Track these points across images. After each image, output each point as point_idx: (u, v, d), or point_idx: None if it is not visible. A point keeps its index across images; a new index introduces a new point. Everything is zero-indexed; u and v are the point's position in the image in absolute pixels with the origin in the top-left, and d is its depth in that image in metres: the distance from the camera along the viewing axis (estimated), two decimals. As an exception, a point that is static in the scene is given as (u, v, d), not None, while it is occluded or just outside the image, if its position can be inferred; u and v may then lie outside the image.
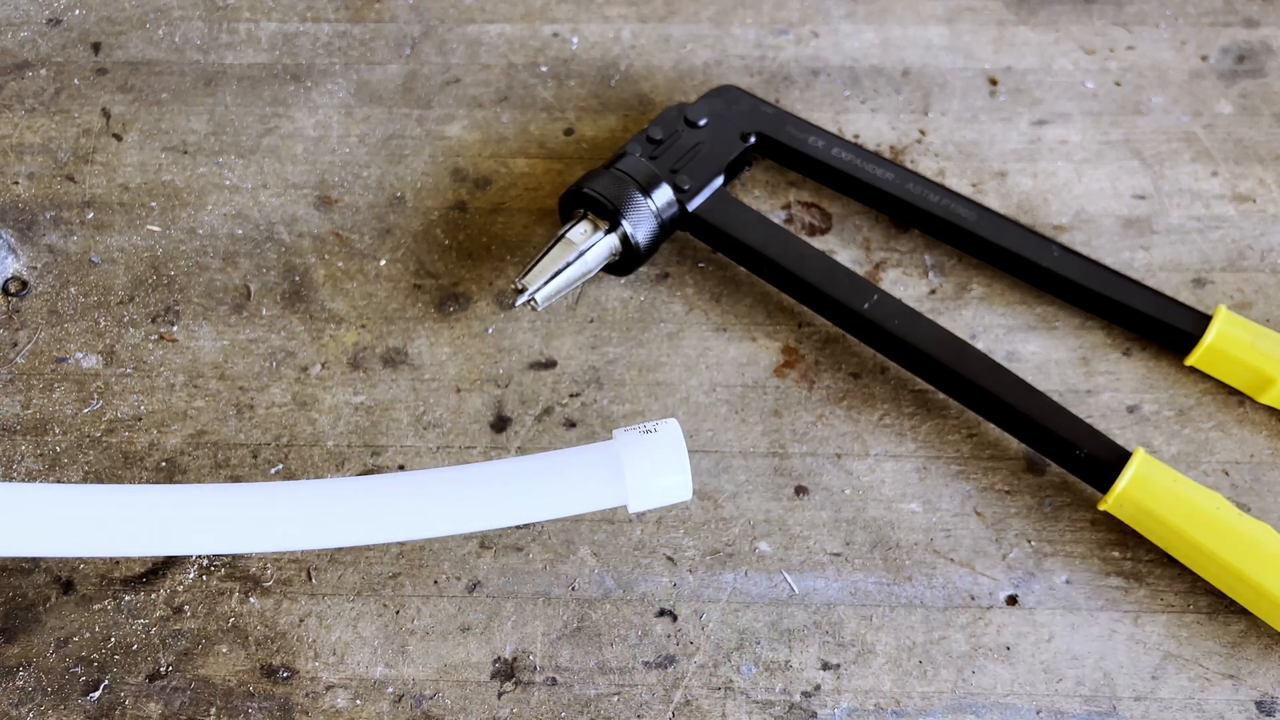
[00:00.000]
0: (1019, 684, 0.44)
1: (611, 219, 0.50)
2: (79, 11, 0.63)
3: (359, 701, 0.43)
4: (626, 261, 0.52)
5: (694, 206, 0.52)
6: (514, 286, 0.51)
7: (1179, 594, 0.46)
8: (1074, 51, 0.62)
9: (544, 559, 0.46)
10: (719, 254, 0.55)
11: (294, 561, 0.46)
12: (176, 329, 0.52)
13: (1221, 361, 0.49)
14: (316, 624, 0.45)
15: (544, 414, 0.50)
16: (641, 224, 0.50)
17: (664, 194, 0.51)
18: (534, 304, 0.49)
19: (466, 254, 0.55)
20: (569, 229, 0.50)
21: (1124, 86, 0.61)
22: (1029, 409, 0.47)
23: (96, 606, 0.45)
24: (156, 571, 0.46)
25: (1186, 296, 0.53)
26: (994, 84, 0.61)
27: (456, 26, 0.63)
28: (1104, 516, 0.47)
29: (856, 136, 0.59)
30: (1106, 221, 0.56)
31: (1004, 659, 0.44)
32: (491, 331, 0.52)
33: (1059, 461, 0.47)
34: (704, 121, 0.55)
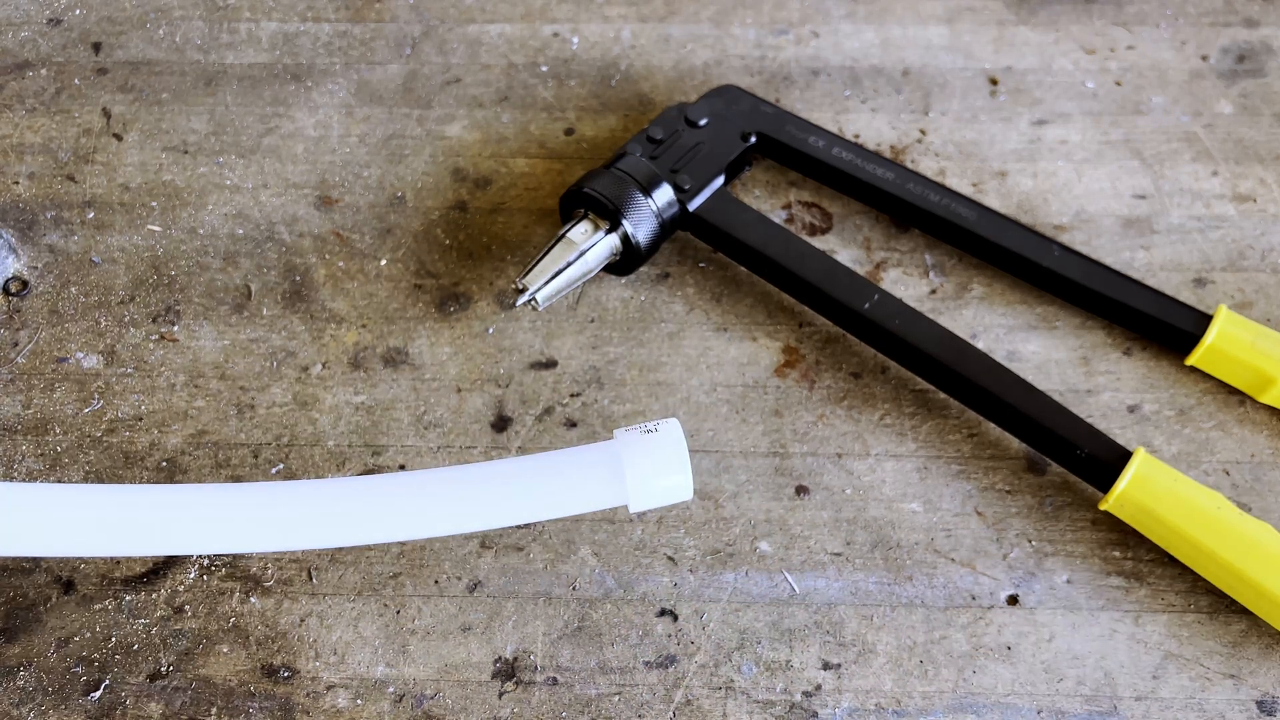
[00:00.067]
0: (1020, 684, 0.44)
1: (612, 219, 0.50)
2: (79, 11, 0.63)
3: (360, 701, 0.43)
4: (627, 261, 0.52)
5: (694, 206, 0.52)
6: (514, 286, 0.51)
7: (1180, 594, 0.46)
8: (1074, 51, 0.62)
9: (545, 559, 0.46)
10: (719, 254, 0.55)
11: (295, 561, 0.46)
12: (177, 329, 0.52)
13: (1222, 361, 0.49)
14: (317, 624, 0.45)
15: (545, 414, 0.50)
16: (642, 224, 0.50)
17: (664, 194, 0.51)
18: (534, 304, 0.49)
19: (467, 254, 0.55)
20: (569, 229, 0.50)
21: (1124, 86, 0.61)
22: (1029, 409, 0.47)
23: (97, 606, 0.45)
24: (157, 571, 0.46)
25: (1187, 296, 0.53)
26: (994, 84, 0.61)
27: (457, 26, 0.63)
28: (1105, 516, 0.47)
29: (857, 136, 0.59)
30: (1107, 221, 0.56)
31: (1005, 659, 0.44)
32: (492, 331, 0.52)
33: (1060, 461, 0.47)
34: (704, 121, 0.55)
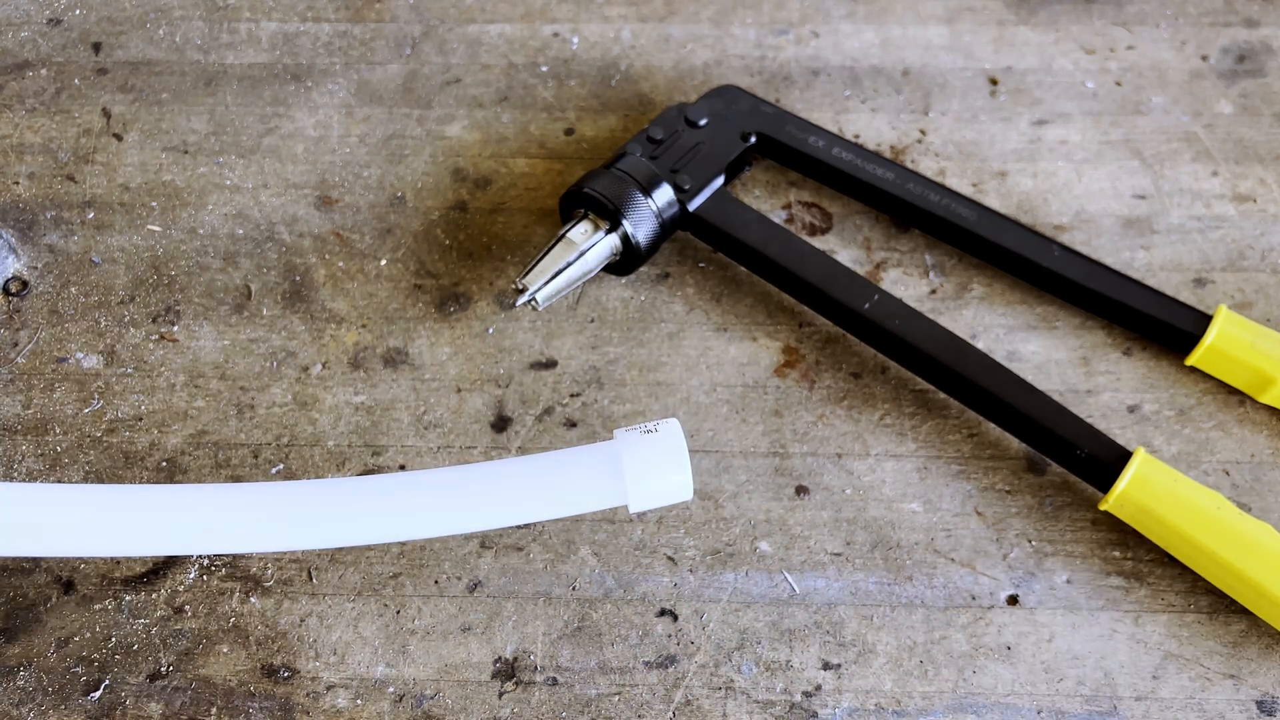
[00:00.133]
0: (1020, 684, 0.44)
1: (612, 219, 0.50)
2: (79, 11, 0.63)
3: (360, 701, 0.43)
4: (627, 261, 0.52)
5: (694, 206, 0.52)
6: (514, 286, 0.51)
7: (1180, 594, 0.46)
8: (1074, 51, 0.62)
9: (545, 559, 0.46)
10: (719, 254, 0.55)
11: (294, 561, 0.46)
12: (177, 329, 0.52)
13: (1222, 361, 0.49)
14: (317, 624, 0.45)
15: (544, 414, 0.50)
16: (642, 224, 0.50)
17: (664, 194, 0.51)
18: (534, 304, 0.49)
19: (467, 254, 0.55)
20: (569, 229, 0.50)
21: (1124, 86, 0.61)
22: (1029, 409, 0.47)
23: (97, 606, 0.45)
24: (157, 571, 0.46)
25: (1187, 296, 0.53)
26: (994, 84, 0.61)
27: (457, 26, 0.63)
28: (1104, 516, 0.47)
29: (857, 136, 0.59)
30: (1107, 221, 0.56)
31: (1005, 659, 0.44)
32: (492, 331, 0.52)
33: (1059, 461, 0.47)
34: (704, 121, 0.55)
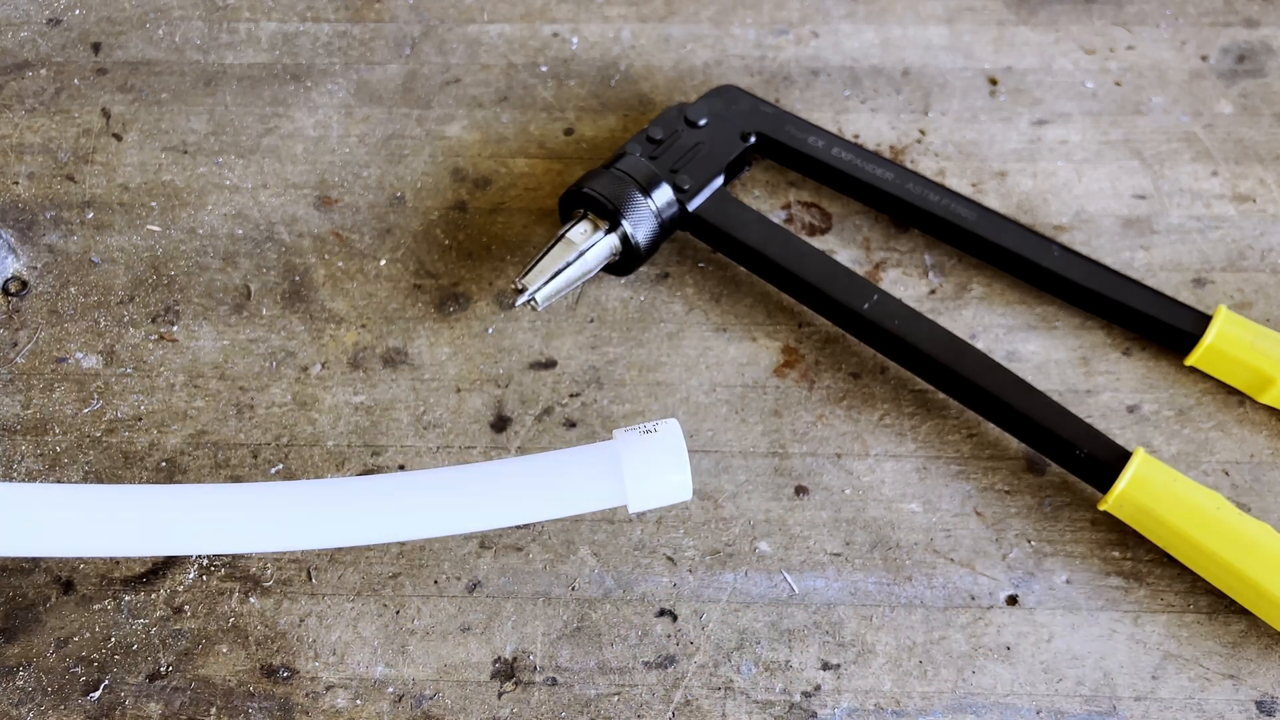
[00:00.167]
0: (1019, 684, 0.44)
1: (611, 219, 0.50)
2: (79, 11, 0.63)
3: (359, 701, 0.43)
4: (626, 261, 0.52)
5: (694, 206, 0.52)
6: (514, 286, 0.51)
7: (1179, 594, 0.46)
8: (1074, 51, 0.62)
9: (544, 559, 0.46)
10: (719, 254, 0.55)
11: (294, 561, 0.46)
12: (176, 329, 0.52)
13: (1221, 361, 0.49)
14: (317, 624, 0.45)
15: (544, 414, 0.50)
16: (641, 224, 0.50)
17: (664, 194, 0.51)
18: (534, 304, 0.49)
19: (466, 254, 0.55)
20: (569, 229, 0.50)
21: (1124, 86, 0.61)
22: (1029, 409, 0.47)
23: (97, 606, 0.45)
24: (157, 571, 0.46)
25: (1186, 296, 0.53)
26: (994, 84, 0.61)
27: (456, 26, 0.63)
28: (1104, 516, 0.47)
29: (856, 136, 0.59)
30: (1106, 221, 0.56)
31: (1004, 659, 0.44)
32: (491, 331, 0.52)
33: (1059, 461, 0.47)
34: (704, 121, 0.55)
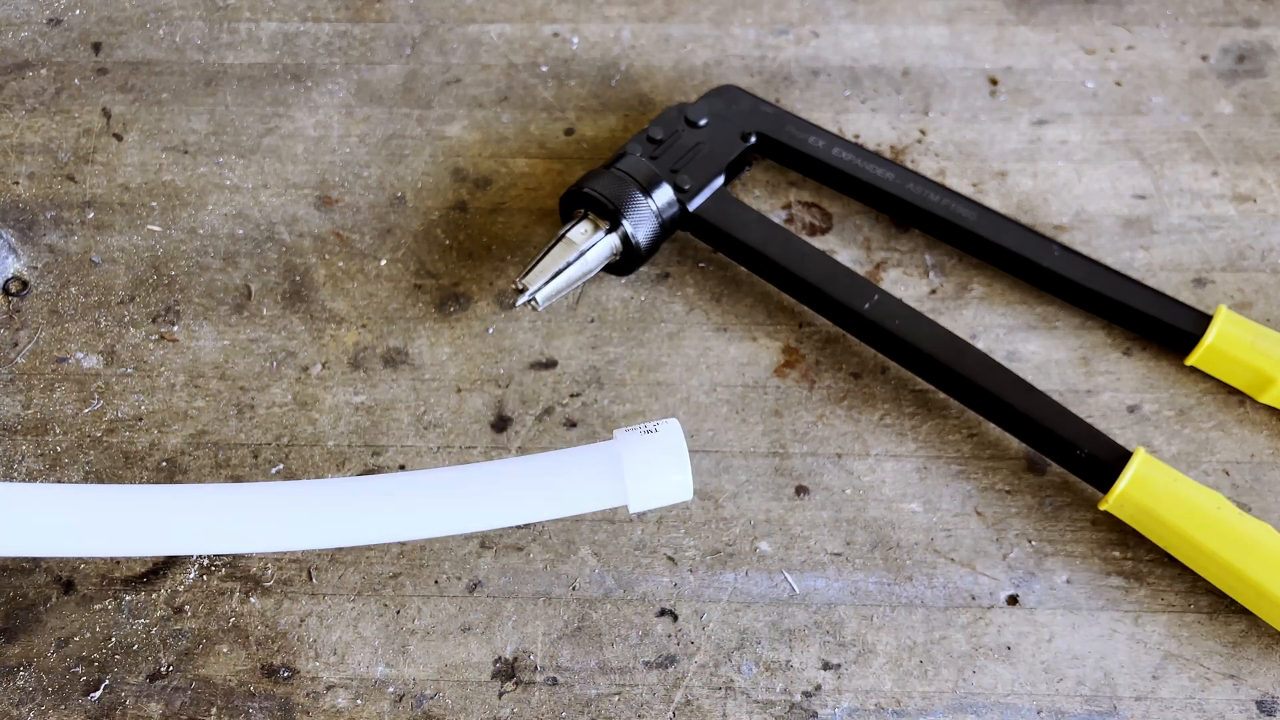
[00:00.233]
0: (1020, 684, 0.44)
1: (612, 219, 0.50)
2: (79, 11, 0.63)
3: (359, 701, 0.43)
4: (627, 261, 0.52)
5: (694, 206, 0.52)
6: (514, 286, 0.51)
7: (1179, 594, 0.46)
8: (1074, 51, 0.62)
9: (544, 559, 0.46)
10: (719, 254, 0.55)
11: (294, 561, 0.46)
12: (177, 329, 0.52)
13: (1222, 361, 0.49)
14: (317, 624, 0.45)
15: (544, 414, 0.50)
16: (642, 224, 0.50)
17: (664, 194, 0.51)
18: (534, 304, 0.49)
19: (467, 254, 0.55)
20: (569, 229, 0.50)
21: (1124, 86, 0.61)
22: (1029, 409, 0.47)
23: (97, 606, 0.45)
24: (157, 571, 0.46)
25: (1187, 296, 0.53)
26: (994, 84, 0.61)
27: (457, 26, 0.63)
28: (1104, 516, 0.47)
29: (857, 136, 0.59)
30: (1107, 221, 0.56)
31: (1005, 659, 0.44)
32: (492, 331, 0.52)
33: (1059, 461, 0.47)
34: (704, 121, 0.55)
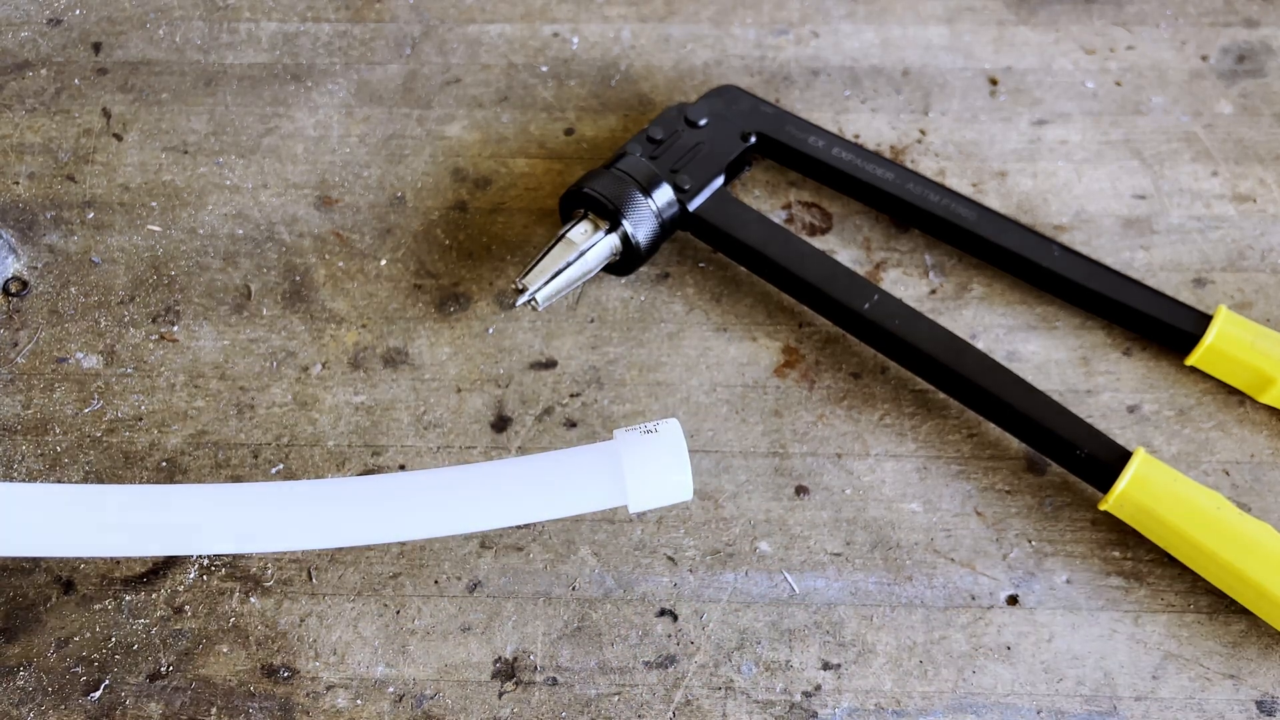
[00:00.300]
0: (1020, 684, 0.44)
1: (612, 219, 0.50)
2: (79, 11, 0.63)
3: (359, 701, 0.43)
4: (627, 261, 0.52)
5: (694, 206, 0.52)
6: (514, 286, 0.51)
7: (1179, 594, 0.46)
8: (1074, 51, 0.62)
9: (544, 559, 0.46)
10: (719, 254, 0.55)
11: (294, 561, 0.46)
12: (177, 329, 0.52)
13: (1222, 361, 0.49)
14: (317, 624, 0.45)
15: (544, 414, 0.50)
16: (642, 224, 0.50)
17: (664, 194, 0.51)
18: (534, 304, 0.49)
19: (467, 254, 0.55)
20: (569, 229, 0.50)
21: (1124, 86, 0.61)
22: (1029, 409, 0.47)
23: (97, 606, 0.45)
24: (157, 571, 0.46)
25: (1187, 296, 0.53)
26: (994, 84, 0.61)
27: (457, 26, 0.63)
28: (1104, 516, 0.47)
29: (857, 136, 0.59)
30: (1106, 221, 0.56)
31: (1004, 659, 0.44)
32: (492, 331, 0.52)
33: (1059, 461, 0.47)
34: (704, 121, 0.55)
